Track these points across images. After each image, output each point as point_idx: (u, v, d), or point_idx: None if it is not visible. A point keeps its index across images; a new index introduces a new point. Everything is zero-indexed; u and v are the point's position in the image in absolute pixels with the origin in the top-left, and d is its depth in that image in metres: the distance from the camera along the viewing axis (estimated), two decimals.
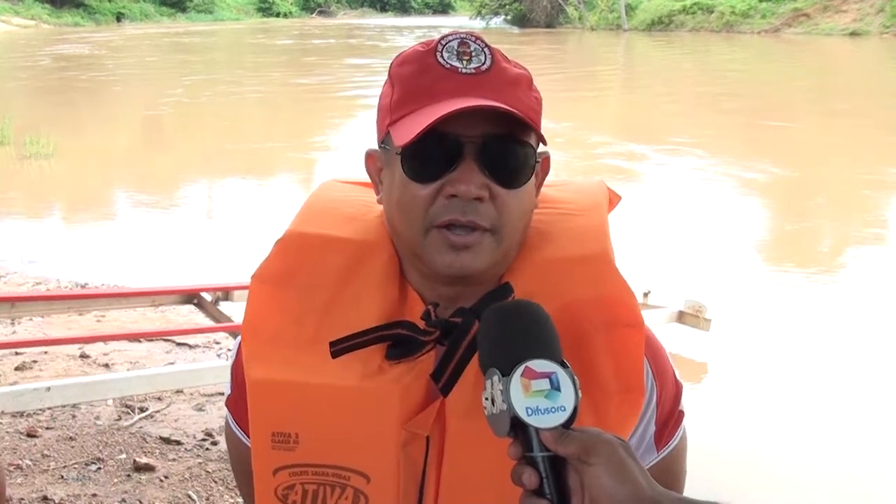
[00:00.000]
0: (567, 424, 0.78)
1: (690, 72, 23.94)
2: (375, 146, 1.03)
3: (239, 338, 1.05)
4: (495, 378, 0.79)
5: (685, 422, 1.06)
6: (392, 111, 0.95)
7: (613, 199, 1.11)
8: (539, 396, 0.77)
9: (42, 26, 45.85)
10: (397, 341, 0.95)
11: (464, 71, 0.92)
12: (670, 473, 1.03)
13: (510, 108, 0.90)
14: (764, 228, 8.44)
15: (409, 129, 0.91)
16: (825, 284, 6.67)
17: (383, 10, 75.80)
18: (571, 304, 0.96)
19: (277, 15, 63.87)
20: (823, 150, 12.32)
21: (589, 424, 0.90)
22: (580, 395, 0.79)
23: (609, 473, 0.75)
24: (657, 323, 4.94)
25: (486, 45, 0.95)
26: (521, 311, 0.84)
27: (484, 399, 0.81)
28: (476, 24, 49.71)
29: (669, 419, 1.03)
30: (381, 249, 0.99)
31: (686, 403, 1.07)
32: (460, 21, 54.68)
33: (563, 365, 0.80)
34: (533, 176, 0.97)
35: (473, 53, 0.94)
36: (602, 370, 0.95)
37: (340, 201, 1.07)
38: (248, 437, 1.02)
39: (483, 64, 0.93)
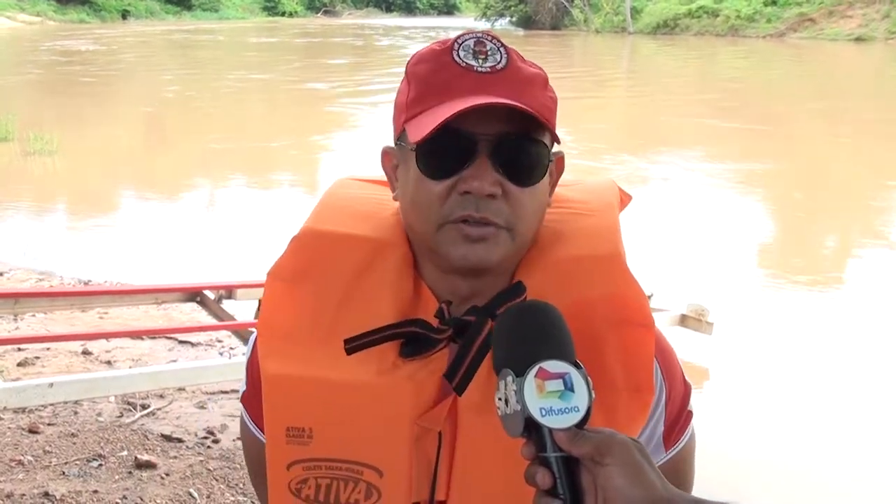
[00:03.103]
0: (581, 425, 0.78)
1: (695, 76, 23.93)
2: (391, 143, 1.03)
3: (254, 334, 1.06)
4: (509, 378, 0.79)
5: (693, 423, 1.08)
6: (408, 109, 0.96)
7: (624, 199, 1.12)
8: (553, 397, 0.77)
9: (47, 23, 45.93)
10: (411, 339, 0.96)
11: (479, 69, 0.93)
12: (678, 473, 1.03)
13: (524, 106, 0.90)
14: (767, 233, 8.44)
15: (424, 126, 0.91)
16: (827, 288, 6.66)
17: (388, 10, 75.91)
18: (583, 302, 0.96)
19: (283, 14, 63.96)
20: (827, 155, 12.31)
21: (598, 422, 0.90)
22: (594, 395, 0.79)
23: (623, 474, 0.75)
24: (659, 326, 4.93)
25: (502, 45, 0.95)
26: (535, 312, 0.84)
27: (497, 399, 0.81)
28: (481, 26, 49.73)
29: (678, 419, 1.05)
30: (395, 247, 1.00)
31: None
32: (465, 22, 54.70)
33: (576, 366, 0.80)
34: (546, 175, 0.97)
35: (489, 52, 0.94)
36: (612, 369, 0.96)
37: (355, 199, 1.08)
38: (263, 433, 1.03)
39: (498, 63, 0.94)
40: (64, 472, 3.44)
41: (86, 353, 4.70)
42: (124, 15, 52.29)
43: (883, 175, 10.67)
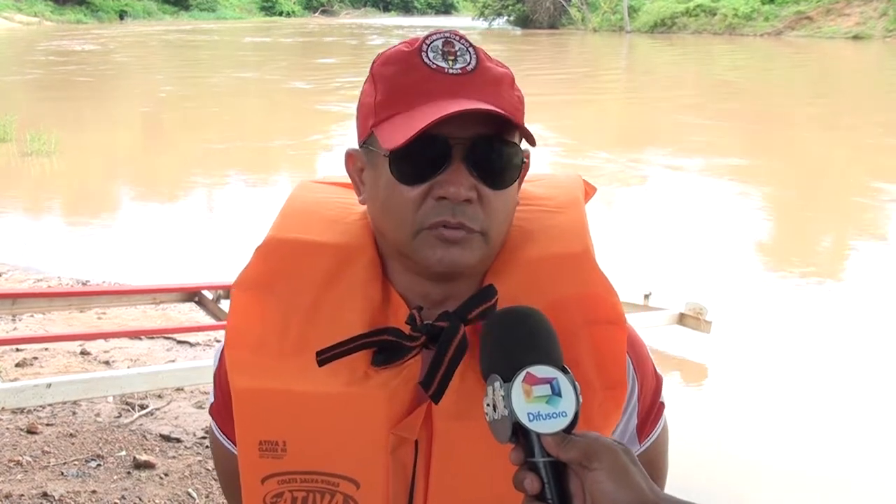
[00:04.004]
0: (568, 430, 0.78)
1: (692, 75, 23.93)
2: (355, 146, 1.01)
3: (221, 345, 1.04)
4: (497, 384, 0.80)
5: (665, 414, 1.08)
6: (376, 112, 0.94)
7: (589, 192, 1.12)
8: (540, 402, 0.78)
9: (45, 23, 45.90)
10: (383, 347, 0.94)
11: (450, 71, 0.91)
12: (653, 465, 1.03)
13: (500, 111, 0.89)
14: (764, 231, 8.44)
15: (398, 131, 0.90)
16: (825, 287, 6.67)
17: (386, 9, 75.84)
18: (555, 302, 0.95)
19: (280, 14, 63.92)
20: (825, 153, 12.32)
21: None
22: (581, 400, 0.80)
23: (611, 478, 0.76)
24: (658, 325, 4.94)
25: (471, 45, 0.94)
26: (523, 318, 0.85)
27: (485, 405, 0.81)
28: (479, 25, 49.75)
29: (651, 412, 1.05)
30: (362, 252, 0.98)
31: (686, 405, 1.08)
32: (463, 22, 54.67)
33: (563, 370, 0.80)
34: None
35: (458, 53, 0.93)
36: (585, 367, 0.95)
37: (319, 203, 1.06)
38: (234, 445, 1.01)
39: (468, 64, 0.92)
40: (62, 473, 3.44)
41: (84, 353, 4.71)
42: (121, 15, 52.27)
43: (881, 173, 10.67)
